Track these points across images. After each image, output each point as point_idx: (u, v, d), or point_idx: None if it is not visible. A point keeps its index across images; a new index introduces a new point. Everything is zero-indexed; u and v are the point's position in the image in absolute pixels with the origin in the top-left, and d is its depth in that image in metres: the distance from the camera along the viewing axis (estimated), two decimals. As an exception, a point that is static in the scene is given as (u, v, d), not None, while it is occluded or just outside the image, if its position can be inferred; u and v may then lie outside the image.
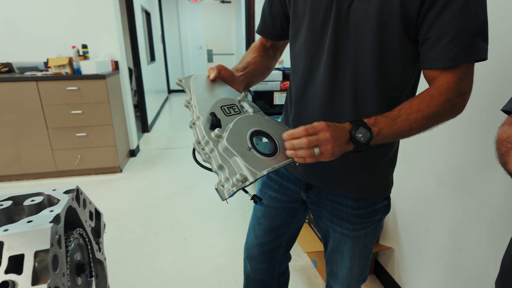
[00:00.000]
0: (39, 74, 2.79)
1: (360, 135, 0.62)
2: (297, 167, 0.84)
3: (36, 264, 0.40)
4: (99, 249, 0.64)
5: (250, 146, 0.62)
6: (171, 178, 3.05)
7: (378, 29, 0.65)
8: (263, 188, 0.98)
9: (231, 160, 0.60)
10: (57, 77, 2.72)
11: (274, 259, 1.03)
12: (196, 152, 0.63)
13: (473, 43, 0.62)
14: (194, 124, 0.65)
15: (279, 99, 2.42)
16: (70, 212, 0.52)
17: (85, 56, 2.96)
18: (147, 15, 5.37)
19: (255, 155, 0.61)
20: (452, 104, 0.65)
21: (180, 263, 1.85)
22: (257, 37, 0.97)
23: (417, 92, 0.75)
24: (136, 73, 4.21)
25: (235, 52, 8.24)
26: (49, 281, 0.40)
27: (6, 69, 2.97)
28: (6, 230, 0.42)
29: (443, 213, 1.24)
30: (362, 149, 0.63)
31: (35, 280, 0.39)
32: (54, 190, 0.54)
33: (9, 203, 0.50)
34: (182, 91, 5.26)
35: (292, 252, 1.15)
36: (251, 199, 0.64)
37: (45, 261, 0.41)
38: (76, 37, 3.03)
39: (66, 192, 0.53)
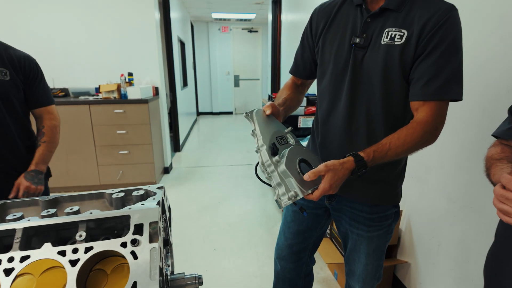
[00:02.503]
0: (91, 98, 3.19)
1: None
2: None
3: (151, 230, 0.62)
4: (170, 235, 0.86)
5: (299, 171, 0.83)
6: (202, 193, 3.29)
7: (384, 74, 0.86)
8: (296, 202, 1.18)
9: (286, 180, 0.82)
10: (106, 101, 3.10)
11: (301, 259, 1.21)
12: (257, 168, 0.86)
13: (446, 85, 0.81)
14: (258, 150, 0.87)
15: (303, 122, 2.63)
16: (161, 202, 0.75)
17: (130, 83, 3.35)
18: (182, 44, 5.86)
19: (302, 178, 0.82)
20: (428, 135, 0.83)
21: (212, 270, 2.03)
22: (283, 65, 1.20)
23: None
24: (171, 97, 4.59)
25: (260, 78, 8.64)
26: (159, 241, 0.62)
27: (63, 93, 3.40)
28: (130, 208, 0.65)
29: (453, 228, 1.37)
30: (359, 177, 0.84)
31: (150, 240, 0.61)
32: (148, 187, 0.77)
33: (122, 194, 0.73)
34: (210, 113, 5.67)
35: (314, 265, 1.32)
36: (299, 209, 0.88)
37: (156, 229, 0.63)
38: (123, 65, 3.45)
39: (158, 188, 0.76)
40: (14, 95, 1.20)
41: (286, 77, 1.09)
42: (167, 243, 0.74)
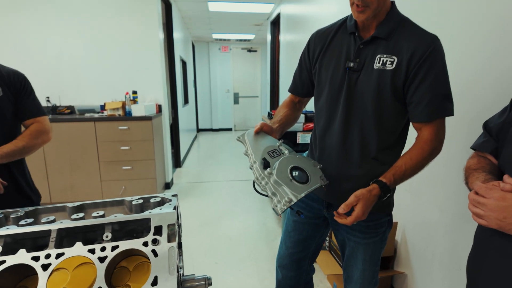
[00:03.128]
0: (96, 115, 3.30)
1: (386, 197, 0.93)
2: (323, 189, 1.12)
3: (169, 231, 0.70)
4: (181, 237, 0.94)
5: (291, 178, 0.91)
6: (202, 208, 3.34)
7: (376, 95, 0.97)
8: (293, 205, 1.26)
9: (280, 189, 0.90)
10: (111, 118, 3.21)
11: (301, 267, 1.27)
12: (255, 184, 0.95)
13: (442, 105, 0.93)
14: (252, 166, 0.96)
15: (302, 138, 2.73)
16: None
17: (134, 101, 3.47)
18: (184, 63, 6.05)
19: (295, 184, 0.91)
20: (436, 150, 0.95)
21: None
22: (282, 83, 1.31)
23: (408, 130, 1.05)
24: (173, 114, 4.71)
25: (259, 95, 8.83)
26: (176, 241, 0.69)
27: (69, 111, 3.51)
28: (150, 212, 0.73)
29: (445, 237, 1.44)
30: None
31: (169, 240, 0.69)
32: (164, 194, 0.85)
33: (141, 200, 0.82)
34: (209, 130, 5.80)
35: (314, 277, 1.38)
36: (296, 213, 0.96)
37: (173, 230, 0.71)
38: (128, 83, 3.58)
39: (173, 195, 0.84)
40: (7, 110, 1.23)
41: (284, 95, 1.21)
42: (180, 246, 0.82)
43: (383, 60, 0.95)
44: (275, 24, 5.47)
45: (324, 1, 2.92)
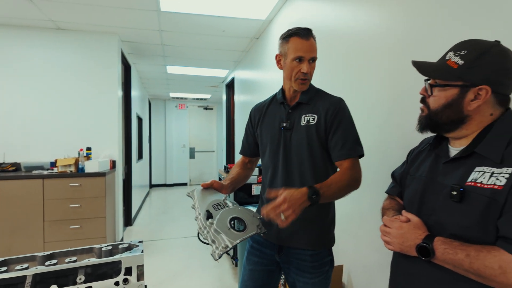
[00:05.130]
0: (45, 172, 3.18)
1: (314, 196, 1.04)
2: (262, 236, 1.25)
3: (138, 271, 0.80)
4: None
5: (229, 227, 1.05)
6: (155, 268, 3.21)
7: (307, 145, 1.22)
8: (248, 255, 1.38)
9: (218, 236, 1.03)
10: (62, 175, 3.12)
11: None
12: (199, 234, 1.07)
13: (354, 147, 1.19)
14: (197, 218, 1.10)
15: (256, 190, 2.91)
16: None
17: (88, 157, 3.43)
18: (139, 120, 6.14)
19: (232, 232, 1.04)
20: (355, 180, 1.16)
21: None
22: (237, 139, 1.54)
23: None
24: (126, 170, 4.65)
25: (215, 150, 9.04)
26: (143, 281, 0.79)
27: (14, 168, 3.34)
28: (120, 256, 0.82)
29: (384, 276, 1.63)
30: (315, 204, 1.05)
31: (138, 279, 0.79)
32: (130, 241, 0.94)
33: (110, 247, 0.90)
34: (163, 185, 5.76)
35: None
36: (231, 258, 1.06)
37: (142, 270, 0.80)
38: (83, 140, 3.56)
39: (139, 242, 0.93)
40: None
41: (239, 149, 1.49)
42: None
43: (307, 118, 1.24)
44: (230, 86, 5.95)
45: (272, 69, 3.36)
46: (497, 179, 0.69)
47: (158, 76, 5.88)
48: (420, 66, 0.85)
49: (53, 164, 3.35)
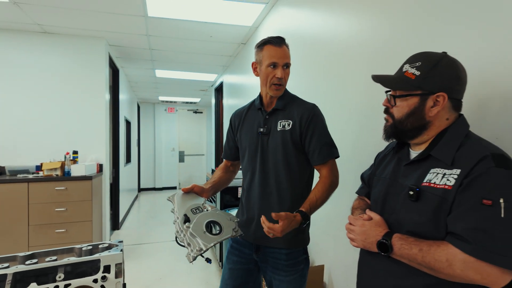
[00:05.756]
0: (30, 176, 3.16)
1: (305, 225, 1.17)
2: (238, 238, 1.30)
3: (116, 269, 0.84)
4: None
5: (204, 230, 1.11)
6: (142, 271, 3.22)
7: (283, 149, 1.28)
8: (229, 255, 1.42)
9: (194, 240, 1.08)
10: (48, 179, 3.11)
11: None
12: (176, 237, 1.12)
13: (330, 150, 1.27)
14: (175, 221, 1.15)
15: (243, 194, 2.96)
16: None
17: (74, 160, 3.43)
18: (128, 123, 6.12)
19: (208, 235, 1.10)
20: (333, 183, 1.26)
21: None
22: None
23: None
24: (114, 173, 4.64)
25: (205, 153, 9.05)
26: (123, 277, 0.83)
27: (-2, 172, 3.31)
28: (99, 254, 0.86)
29: (359, 273, 1.70)
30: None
31: (116, 276, 0.83)
32: (110, 241, 0.98)
33: (90, 247, 0.93)
34: (152, 189, 5.76)
35: None
36: (205, 260, 1.10)
37: (120, 268, 0.84)
38: (69, 144, 3.55)
39: (119, 241, 0.97)
40: None
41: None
42: (124, 286, 0.93)
43: (283, 123, 1.30)
44: (219, 90, 6.00)
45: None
46: (448, 180, 0.76)
47: (146, 79, 5.89)
48: (382, 80, 0.91)
49: (39, 168, 3.33)
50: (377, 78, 0.92)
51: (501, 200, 0.66)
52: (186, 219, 1.12)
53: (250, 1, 2.79)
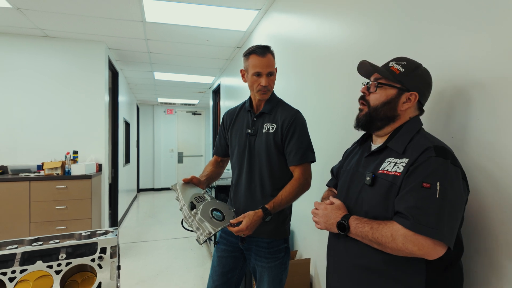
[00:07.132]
0: (32, 175, 3.28)
1: (267, 219, 1.29)
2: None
3: (111, 251, 0.95)
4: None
5: (211, 216, 1.24)
6: (139, 267, 3.33)
7: (266, 150, 1.39)
8: (218, 241, 1.55)
9: (202, 224, 1.21)
10: (49, 178, 3.22)
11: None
12: (183, 222, 1.24)
13: (305, 154, 1.38)
14: (181, 208, 1.27)
15: (236, 192, 3.08)
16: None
17: (74, 160, 3.55)
18: (127, 124, 6.25)
19: (214, 221, 1.23)
20: (303, 185, 1.36)
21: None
22: None
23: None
24: (113, 173, 4.76)
25: (203, 154, 9.17)
26: (117, 258, 0.95)
27: (0, 171, 3.43)
28: (97, 238, 0.98)
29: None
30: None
31: (111, 257, 0.94)
32: (107, 228, 1.10)
33: (89, 233, 1.05)
34: (151, 189, 5.86)
35: None
36: (214, 243, 1.23)
37: (115, 250, 0.96)
38: (70, 144, 3.67)
39: (115, 228, 1.09)
40: None
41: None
42: (119, 268, 1.05)
43: (268, 126, 1.42)
44: (216, 92, 6.12)
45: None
46: (398, 167, 0.88)
47: (145, 82, 6.01)
48: (373, 66, 0.99)
49: (40, 167, 3.45)
50: (369, 64, 0.98)
51: (438, 184, 0.78)
52: (193, 207, 1.25)
53: (244, 7, 2.92)
